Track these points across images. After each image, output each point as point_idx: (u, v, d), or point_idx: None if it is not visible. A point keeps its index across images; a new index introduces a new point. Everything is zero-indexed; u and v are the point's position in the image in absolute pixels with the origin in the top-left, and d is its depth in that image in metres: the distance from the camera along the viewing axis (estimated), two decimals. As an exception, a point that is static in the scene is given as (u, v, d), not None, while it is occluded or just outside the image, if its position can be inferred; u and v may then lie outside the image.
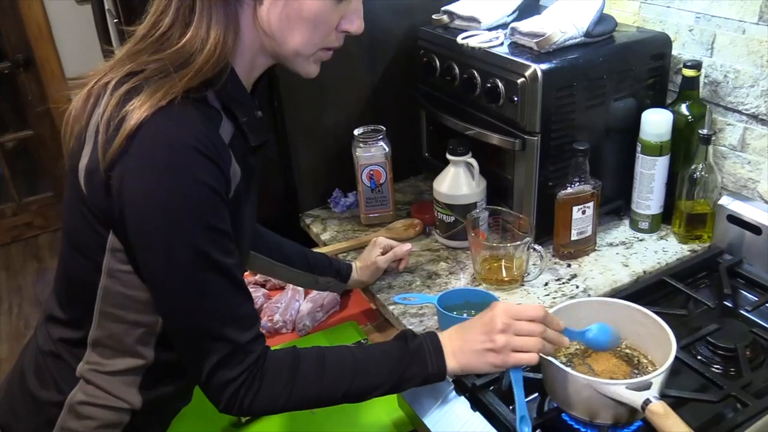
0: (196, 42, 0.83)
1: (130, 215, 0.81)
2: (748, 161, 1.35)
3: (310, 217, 1.64)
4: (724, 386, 1.04)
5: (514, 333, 0.95)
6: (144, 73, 0.83)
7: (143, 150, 0.79)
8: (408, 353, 0.96)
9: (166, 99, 0.80)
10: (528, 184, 1.35)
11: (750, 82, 1.29)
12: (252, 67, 0.94)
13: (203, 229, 0.82)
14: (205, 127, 0.82)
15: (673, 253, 1.38)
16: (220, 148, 0.84)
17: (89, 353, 0.93)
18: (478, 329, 0.97)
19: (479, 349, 0.96)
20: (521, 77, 1.26)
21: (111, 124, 0.80)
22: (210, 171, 0.81)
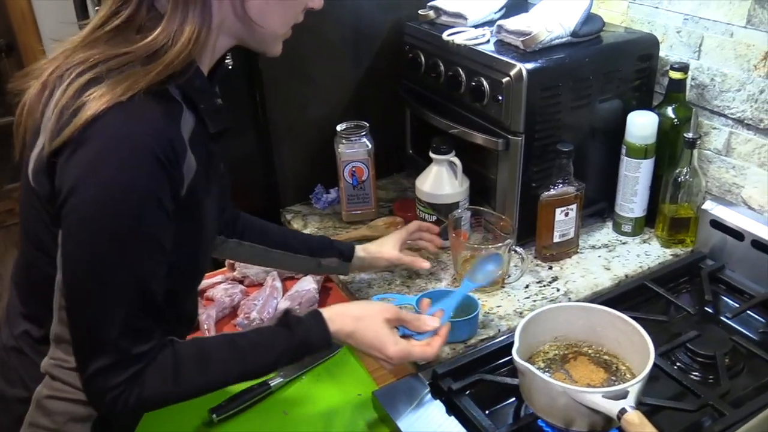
0: (167, 36, 0.81)
1: (67, 202, 0.79)
2: (732, 166, 1.34)
3: (291, 213, 1.62)
4: (701, 395, 1.03)
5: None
6: (106, 63, 0.80)
7: (95, 144, 0.77)
8: (292, 341, 0.95)
9: (127, 94, 0.77)
10: (511, 184, 1.33)
11: (737, 86, 1.28)
12: (212, 53, 0.92)
13: (134, 235, 0.80)
14: (164, 125, 0.80)
15: (656, 257, 1.37)
16: (177, 147, 0.81)
17: (53, 349, 0.90)
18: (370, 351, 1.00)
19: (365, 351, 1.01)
20: (506, 76, 1.24)
21: (65, 113, 0.78)
22: (158, 178, 0.79)
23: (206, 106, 0.88)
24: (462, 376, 1.09)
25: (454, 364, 1.11)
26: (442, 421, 1.04)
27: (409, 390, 1.10)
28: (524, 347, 1.03)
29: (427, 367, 1.13)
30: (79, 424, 0.92)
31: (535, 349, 1.09)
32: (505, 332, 1.20)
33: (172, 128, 0.82)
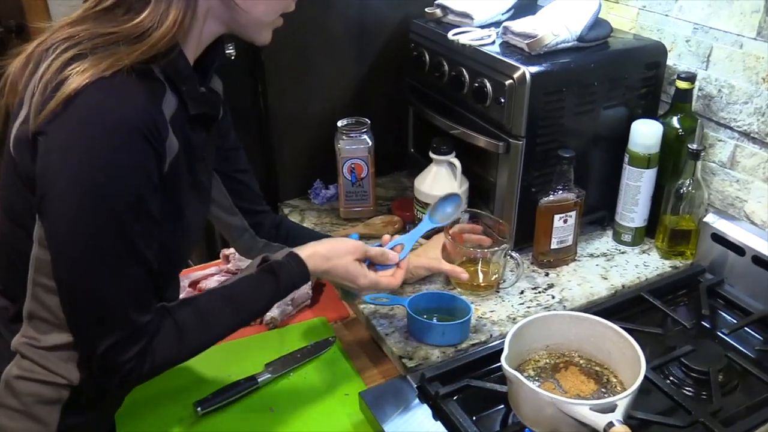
0: (153, 19, 0.81)
1: (51, 180, 0.79)
2: (736, 179, 1.32)
3: (289, 207, 1.60)
4: (692, 411, 1.01)
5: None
6: (91, 41, 0.80)
7: (77, 118, 0.77)
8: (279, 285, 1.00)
9: (111, 70, 0.78)
10: (510, 188, 1.31)
11: (744, 99, 1.26)
12: (199, 39, 0.91)
13: (124, 207, 0.80)
14: (146, 102, 0.81)
15: (654, 268, 1.35)
16: (160, 125, 0.82)
17: (25, 327, 0.90)
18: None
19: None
20: (509, 79, 1.22)
21: (48, 87, 0.78)
22: (143, 152, 0.79)
23: (188, 89, 0.89)
24: (450, 380, 1.08)
25: (443, 369, 1.09)
26: (429, 425, 1.03)
27: (397, 392, 1.08)
28: (515, 354, 1.02)
29: (415, 369, 1.11)
30: (48, 407, 0.92)
31: (526, 357, 1.08)
32: (497, 338, 1.18)
33: (155, 105, 0.82)
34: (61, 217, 0.79)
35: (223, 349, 1.27)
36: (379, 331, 1.20)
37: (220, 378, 1.19)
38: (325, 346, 1.26)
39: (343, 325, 1.34)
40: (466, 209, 1.37)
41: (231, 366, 1.22)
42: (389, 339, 1.18)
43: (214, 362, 1.24)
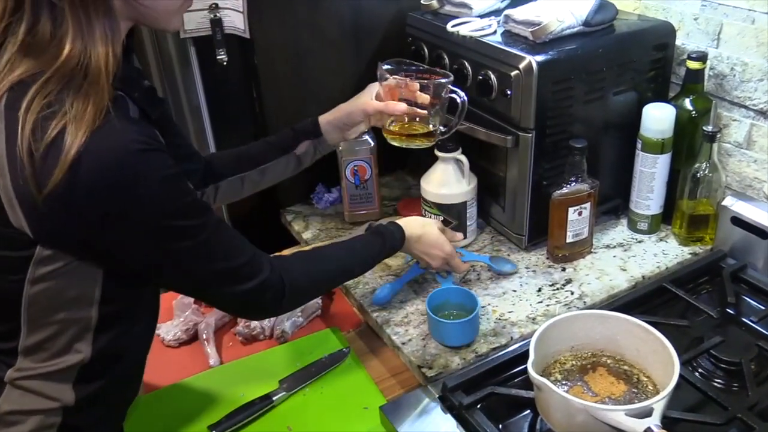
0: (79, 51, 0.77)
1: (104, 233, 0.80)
2: (754, 159, 1.27)
3: (292, 214, 1.56)
4: (728, 406, 0.97)
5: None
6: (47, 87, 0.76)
7: (95, 175, 0.76)
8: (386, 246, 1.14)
9: (100, 118, 0.76)
10: (521, 183, 1.27)
11: (759, 76, 1.21)
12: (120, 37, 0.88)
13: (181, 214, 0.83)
14: (132, 124, 0.81)
15: (674, 256, 1.31)
16: (152, 133, 0.84)
17: (21, 360, 0.87)
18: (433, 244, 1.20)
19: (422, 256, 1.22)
20: (515, 69, 1.17)
21: (36, 155, 0.74)
22: (163, 159, 0.81)
23: (139, 94, 0.88)
24: (473, 388, 1.03)
25: (465, 377, 1.05)
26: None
27: (418, 404, 1.04)
28: (540, 358, 0.97)
29: (436, 378, 1.07)
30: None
31: (551, 360, 1.03)
32: (517, 340, 1.14)
33: (136, 122, 0.83)
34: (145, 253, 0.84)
35: (234, 367, 1.23)
36: (394, 340, 1.16)
37: (232, 398, 1.15)
38: (339, 358, 1.21)
39: (356, 334, 1.29)
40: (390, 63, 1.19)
41: (243, 385, 1.17)
42: (406, 348, 1.14)
43: (226, 381, 1.19)
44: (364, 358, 1.23)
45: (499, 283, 1.27)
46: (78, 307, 0.86)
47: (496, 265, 1.29)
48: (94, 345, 0.88)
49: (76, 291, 0.84)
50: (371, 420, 1.09)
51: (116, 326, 0.90)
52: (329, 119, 1.26)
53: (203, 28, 1.39)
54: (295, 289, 0.99)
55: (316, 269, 1.05)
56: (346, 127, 1.26)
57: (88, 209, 0.77)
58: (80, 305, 0.86)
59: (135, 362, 1.02)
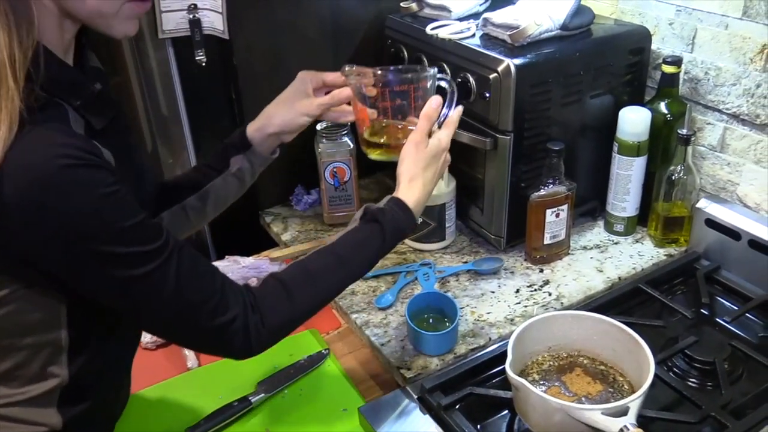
0: None
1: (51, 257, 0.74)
2: (727, 162, 1.30)
3: (271, 216, 1.55)
4: (702, 405, 0.98)
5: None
6: None
7: (18, 196, 0.69)
8: (385, 233, 0.96)
9: (14, 125, 0.68)
10: (499, 184, 1.27)
11: (732, 80, 1.23)
12: (62, 35, 0.80)
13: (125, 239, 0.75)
14: (62, 135, 0.72)
15: (649, 258, 1.33)
16: (89, 146, 0.73)
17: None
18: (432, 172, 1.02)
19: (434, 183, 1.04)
20: (493, 72, 1.18)
21: None
22: (97, 176, 0.72)
23: (83, 102, 0.79)
24: (452, 389, 1.04)
25: (444, 378, 1.05)
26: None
27: (397, 405, 1.04)
28: (517, 359, 0.98)
29: (415, 380, 1.07)
30: None
31: (529, 360, 1.04)
32: (496, 340, 1.15)
33: (69, 133, 0.74)
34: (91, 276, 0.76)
35: (212, 369, 1.23)
36: (373, 342, 1.16)
37: (210, 400, 1.14)
38: (318, 360, 1.21)
39: (336, 335, 1.30)
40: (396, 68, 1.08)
41: (221, 387, 1.17)
42: (385, 349, 1.14)
43: (204, 384, 1.19)
44: (344, 359, 1.23)
45: (478, 285, 1.27)
46: (45, 330, 0.82)
47: (481, 267, 1.30)
48: (70, 367, 0.85)
49: (41, 314, 0.80)
50: (350, 422, 1.09)
51: (91, 346, 0.87)
52: (259, 127, 1.13)
53: (182, 28, 1.38)
54: (271, 331, 0.89)
55: (300, 299, 0.91)
56: (285, 134, 1.14)
57: (21, 231, 0.71)
58: (47, 328, 0.82)
59: (118, 378, 1.00)
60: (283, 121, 1.12)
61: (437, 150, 1.01)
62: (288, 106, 1.12)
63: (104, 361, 0.90)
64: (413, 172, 1.00)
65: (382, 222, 0.96)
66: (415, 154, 1.00)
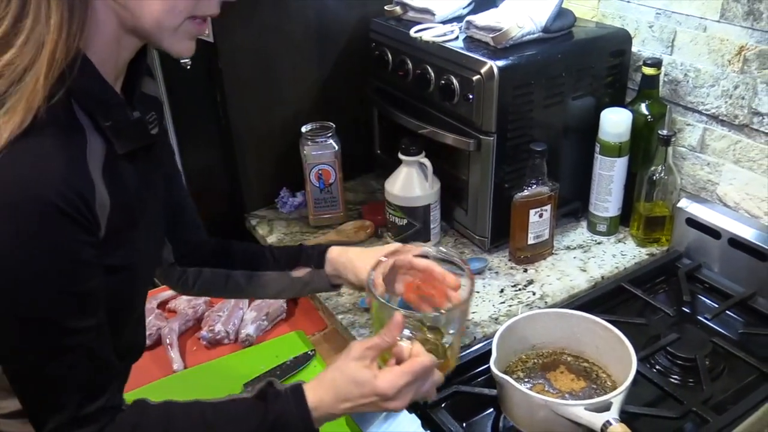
0: (36, 34, 0.68)
1: None
2: (707, 163, 1.32)
3: (256, 218, 1.56)
4: (684, 401, 1.00)
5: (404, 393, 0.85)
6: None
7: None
8: (266, 421, 0.83)
9: (28, 118, 0.66)
10: (483, 185, 1.29)
11: (710, 82, 1.25)
12: (119, 51, 0.78)
13: (55, 297, 0.71)
14: (65, 165, 0.69)
15: (631, 257, 1.34)
16: (85, 191, 0.70)
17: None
18: (367, 407, 0.86)
19: (365, 409, 0.87)
20: (477, 74, 1.19)
21: None
22: (65, 230, 0.69)
23: (114, 123, 0.76)
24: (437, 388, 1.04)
25: (430, 376, 1.06)
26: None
27: (383, 404, 1.05)
28: (502, 357, 0.99)
29: (401, 379, 1.08)
30: None
31: (514, 358, 1.05)
32: (480, 339, 1.16)
33: (77, 166, 0.71)
34: None
35: (198, 372, 1.23)
36: (360, 342, 1.16)
37: (197, 402, 1.14)
38: (305, 361, 1.22)
39: (321, 336, 1.30)
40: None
41: (207, 389, 1.15)
42: (371, 349, 1.14)
43: (190, 386, 1.19)
44: (330, 360, 1.24)
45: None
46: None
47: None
48: None
49: None
50: (336, 422, 1.09)
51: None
52: (341, 263, 1.07)
53: (166, 31, 1.38)
54: None
55: None
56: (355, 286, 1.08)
57: None
58: None
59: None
60: (359, 280, 1.04)
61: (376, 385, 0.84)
62: (360, 265, 1.04)
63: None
64: (339, 375, 0.86)
65: (268, 406, 0.83)
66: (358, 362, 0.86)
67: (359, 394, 0.84)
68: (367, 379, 0.84)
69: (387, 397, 0.84)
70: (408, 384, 0.84)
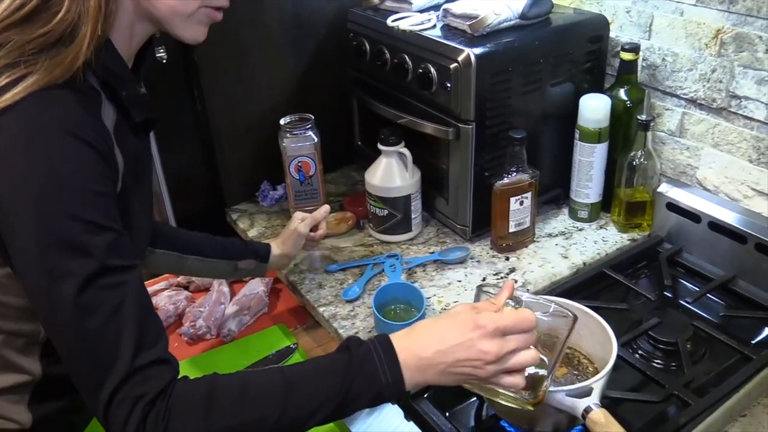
0: (76, 10, 0.73)
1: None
2: (686, 147, 1.32)
3: (237, 212, 1.54)
4: (665, 384, 1.00)
5: (507, 354, 0.77)
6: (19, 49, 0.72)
7: (6, 137, 0.69)
8: (352, 366, 0.76)
9: (41, 83, 0.70)
10: (463, 174, 1.28)
11: (688, 66, 1.25)
12: (131, 37, 0.83)
13: (94, 228, 0.70)
14: (84, 110, 0.72)
15: (613, 243, 1.34)
16: (103, 134, 0.74)
17: None
18: (460, 352, 0.77)
19: (458, 372, 0.78)
20: (454, 62, 1.18)
21: None
22: (89, 158, 0.71)
23: (128, 94, 0.81)
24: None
25: (412, 366, 1.06)
26: (401, 427, 1.00)
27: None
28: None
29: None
30: None
31: (495, 346, 1.05)
32: (463, 329, 1.15)
33: (93, 115, 0.74)
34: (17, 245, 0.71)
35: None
36: (341, 334, 1.15)
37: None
38: (287, 354, 1.21)
39: (303, 330, 1.29)
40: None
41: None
42: (353, 340, 1.14)
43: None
44: (312, 353, 1.24)
45: (445, 274, 1.28)
46: (25, 318, 0.81)
47: (448, 256, 1.30)
48: (42, 361, 0.84)
49: (23, 300, 0.78)
50: (320, 414, 1.08)
51: None
52: (281, 252, 1.25)
53: (140, 25, 1.36)
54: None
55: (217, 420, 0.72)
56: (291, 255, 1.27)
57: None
58: (27, 317, 0.80)
59: None
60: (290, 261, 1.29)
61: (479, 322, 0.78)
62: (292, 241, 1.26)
63: None
64: (431, 320, 0.82)
65: (352, 352, 0.78)
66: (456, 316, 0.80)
67: (456, 332, 0.77)
68: (466, 310, 0.79)
69: (486, 332, 0.76)
70: (509, 328, 0.77)
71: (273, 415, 0.73)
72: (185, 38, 0.85)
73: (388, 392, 0.77)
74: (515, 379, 0.79)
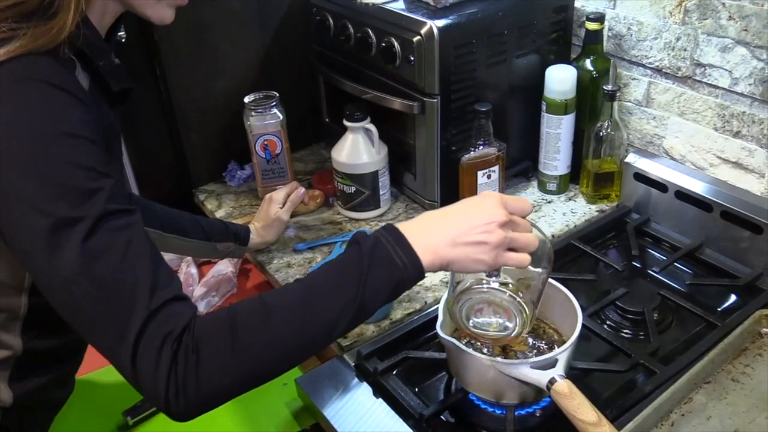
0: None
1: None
2: (653, 116, 1.31)
3: (204, 193, 1.52)
4: (631, 354, 1.00)
5: (512, 229, 0.79)
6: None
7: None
8: (365, 255, 0.75)
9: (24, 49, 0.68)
10: (430, 149, 1.27)
11: (653, 35, 1.25)
12: (103, 15, 0.82)
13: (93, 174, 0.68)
14: (64, 69, 0.72)
15: (582, 215, 1.34)
16: (86, 95, 0.73)
17: None
18: (469, 217, 0.78)
19: (469, 241, 0.77)
20: (417, 35, 1.17)
21: None
22: (79, 108, 0.70)
23: (105, 64, 0.80)
24: (388, 354, 1.04)
25: (380, 343, 1.05)
26: (370, 404, 0.99)
27: (334, 374, 1.04)
28: (449, 320, 0.98)
29: (351, 347, 1.07)
30: None
31: (463, 321, 1.04)
32: (431, 304, 1.15)
33: (71, 75, 0.74)
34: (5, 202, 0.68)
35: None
36: (310, 313, 1.15)
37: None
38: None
39: (273, 309, 1.28)
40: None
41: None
42: (322, 319, 1.13)
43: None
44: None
45: (414, 250, 1.27)
46: (5, 293, 0.80)
47: None
48: (23, 337, 0.84)
49: (5, 274, 0.78)
50: (290, 395, 1.08)
51: (50, 318, 0.76)
52: (261, 239, 1.27)
53: (97, 3, 1.33)
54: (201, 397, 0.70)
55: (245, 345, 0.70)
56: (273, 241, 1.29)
57: None
58: (7, 291, 0.80)
59: (73, 360, 0.97)
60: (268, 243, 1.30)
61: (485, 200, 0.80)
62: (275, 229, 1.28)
63: (60, 339, 0.88)
64: (429, 212, 0.84)
65: (361, 242, 0.77)
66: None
67: (461, 205, 0.81)
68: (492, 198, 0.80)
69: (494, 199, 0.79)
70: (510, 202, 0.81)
71: (299, 318, 0.72)
72: (154, 19, 0.84)
73: (407, 278, 0.76)
74: (521, 255, 0.80)
